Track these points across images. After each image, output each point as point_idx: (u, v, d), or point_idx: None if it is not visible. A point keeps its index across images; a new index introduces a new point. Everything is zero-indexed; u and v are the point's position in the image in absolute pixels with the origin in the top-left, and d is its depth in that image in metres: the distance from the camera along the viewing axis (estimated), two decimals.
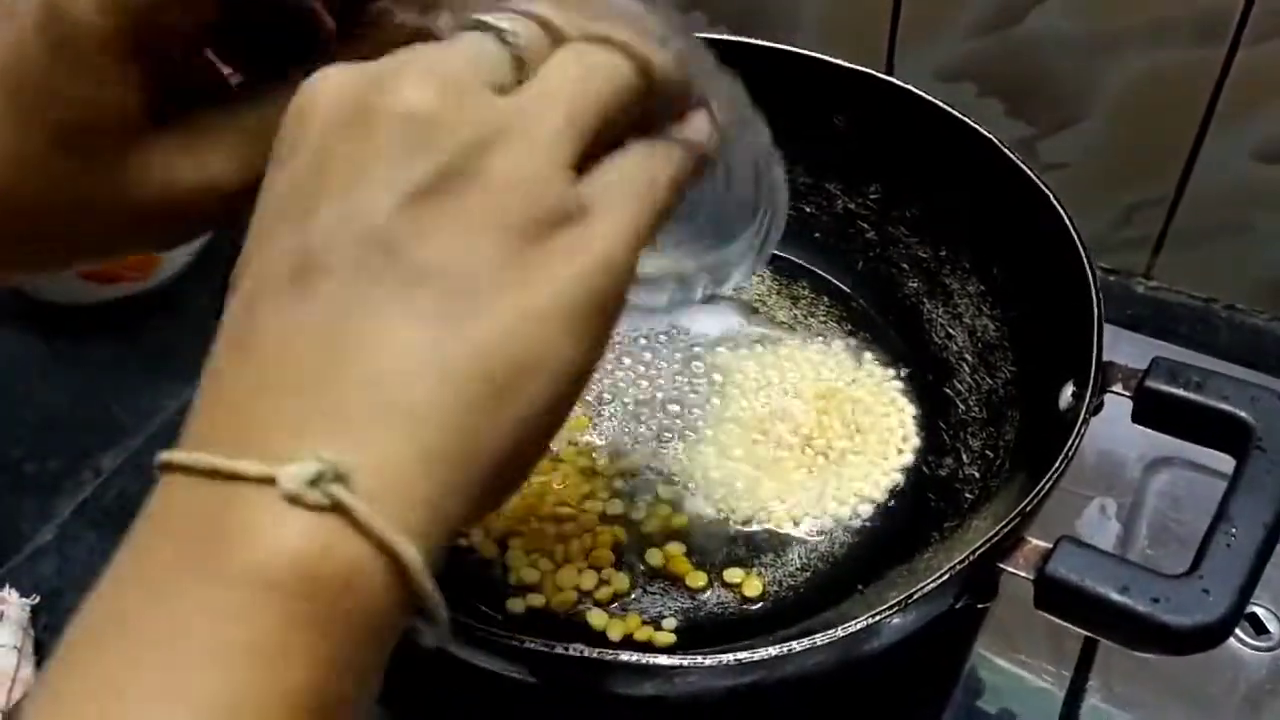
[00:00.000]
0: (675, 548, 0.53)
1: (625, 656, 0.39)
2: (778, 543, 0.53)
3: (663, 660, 0.38)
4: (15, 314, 0.78)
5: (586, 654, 0.39)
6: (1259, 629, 0.53)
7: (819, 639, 0.38)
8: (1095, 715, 0.51)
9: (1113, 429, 0.57)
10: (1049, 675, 0.52)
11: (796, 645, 0.38)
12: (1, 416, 0.73)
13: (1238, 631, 0.53)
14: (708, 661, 0.38)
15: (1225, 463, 0.43)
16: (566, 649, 0.38)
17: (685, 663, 0.38)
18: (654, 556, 0.53)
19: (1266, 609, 0.54)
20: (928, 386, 0.59)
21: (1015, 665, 0.53)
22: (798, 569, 0.53)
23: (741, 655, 0.38)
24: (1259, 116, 0.67)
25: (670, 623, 0.50)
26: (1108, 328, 0.48)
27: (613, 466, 0.56)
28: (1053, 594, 0.39)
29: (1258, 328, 0.73)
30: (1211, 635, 0.37)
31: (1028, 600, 0.52)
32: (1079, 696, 0.51)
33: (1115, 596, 0.38)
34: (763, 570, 0.52)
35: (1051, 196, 0.52)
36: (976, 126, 0.56)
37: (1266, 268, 0.72)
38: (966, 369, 0.58)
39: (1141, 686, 0.52)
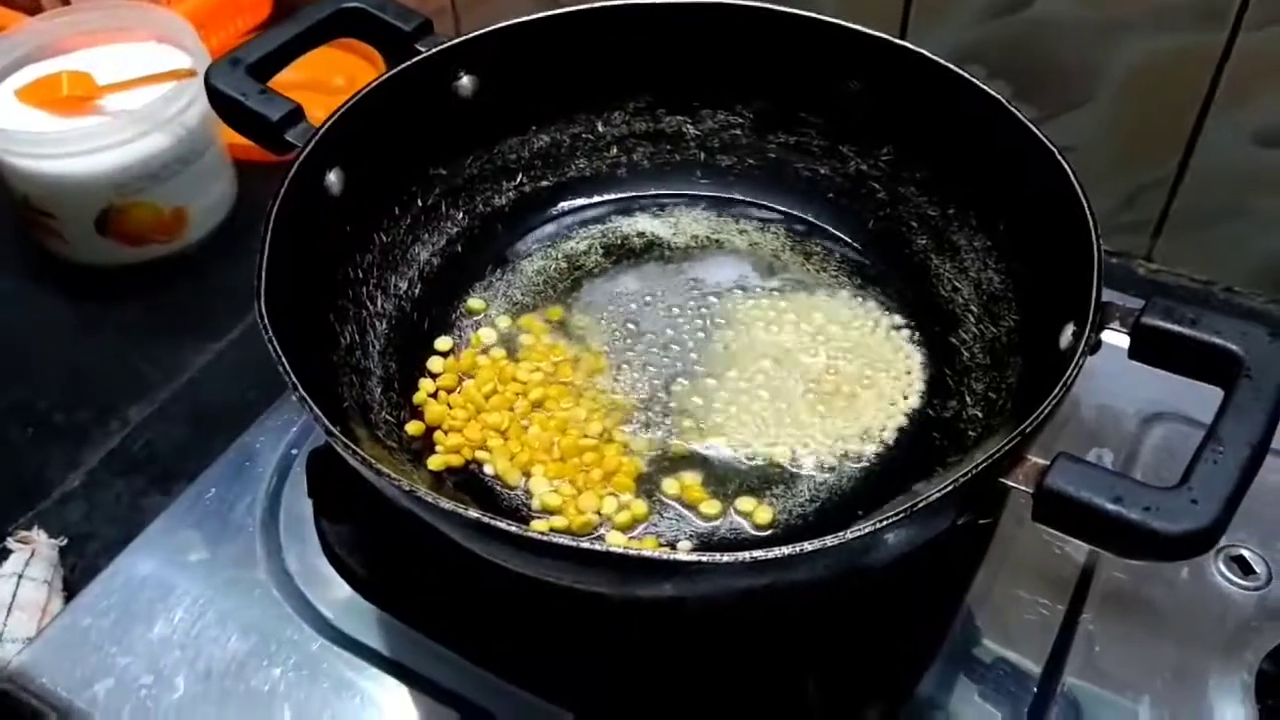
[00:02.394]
0: (691, 477, 0.56)
1: (648, 552, 0.41)
2: (788, 476, 0.56)
3: (683, 556, 0.41)
4: (45, 274, 0.81)
5: (611, 549, 0.41)
6: (1246, 570, 0.56)
7: (829, 540, 0.41)
8: (1088, 647, 0.53)
9: (1110, 385, 0.60)
10: (1045, 610, 0.55)
11: (808, 545, 0.41)
12: (31, 371, 0.75)
13: (1225, 572, 0.56)
14: (725, 559, 0.40)
15: None
16: (592, 543, 0.41)
17: (704, 559, 0.41)
18: (670, 485, 0.55)
19: (1254, 551, 0.56)
20: (934, 335, 0.62)
21: (1012, 602, 0.55)
22: (807, 500, 0.55)
23: (757, 554, 0.40)
24: (1259, 101, 0.68)
25: (685, 545, 0.53)
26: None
27: (633, 403, 0.59)
28: (1051, 506, 0.41)
29: (1255, 310, 0.75)
30: (1198, 541, 0.40)
31: (1024, 534, 0.55)
32: (1072, 630, 0.54)
33: (1109, 506, 0.40)
34: (773, 501, 0.55)
35: (1056, 152, 0.54)
36: (984, 86, 0.58)
37: (1265, 251, 0.74)
38: (972, 319, 0.61)
39: (1133, 623, 0.54)
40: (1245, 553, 0.56)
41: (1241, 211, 0.73)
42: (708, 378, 0.60)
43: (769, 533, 0.54)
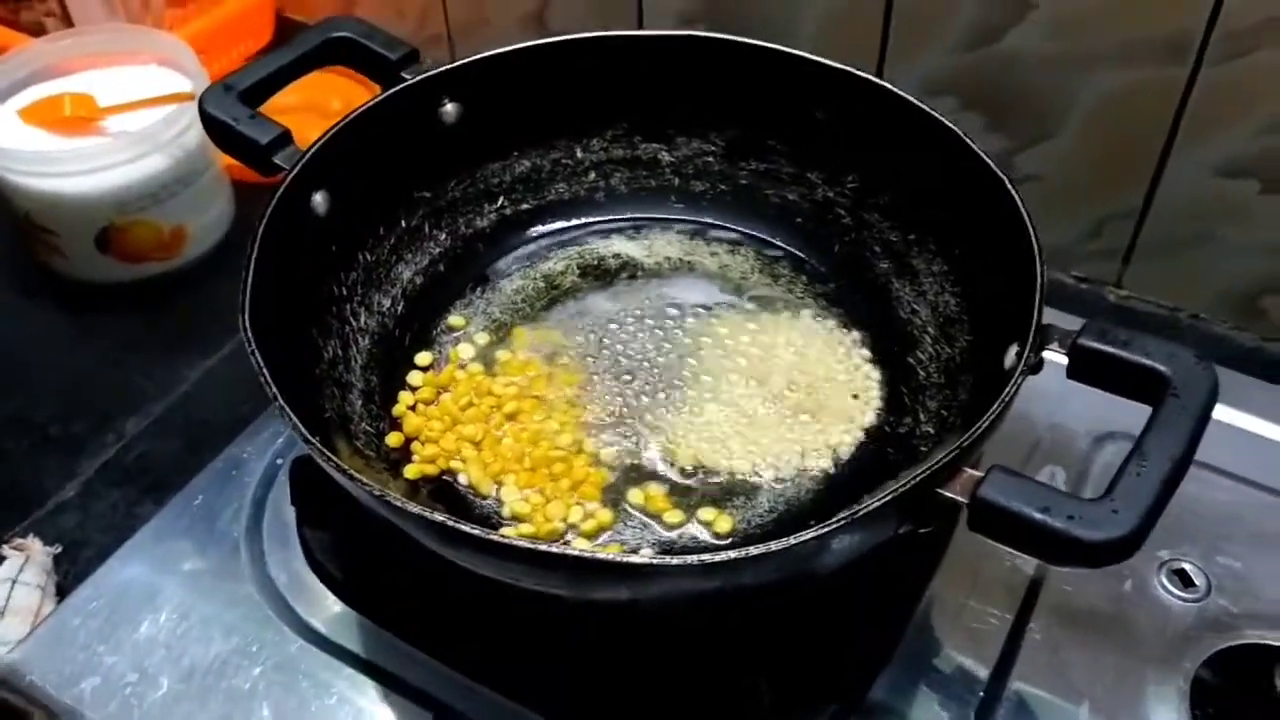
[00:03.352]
0: (656, 488, 0.58)
1: (603, 555, 0.43)
2: (748, 488, 0.58)
3: (635, 559, 0.43)
4: (45, 290, 0.82)
5: (568, 552, 0.43)
6: (1186, 582, 0.58)
7: (773, 545, 0.43)
8: (1034, 654, 0.55)
9: (1064, 406, 0.63)
10: (994, 619, 0.57)
11: (753, 550, 0.43)
12: (29, 383, 0.77)
13: (1167, 584, 0.58)
14: (675, 561, 0.43)
15: None
16: (550, 546, 0.43)
17: (655, 561, 0.43)
18: (635, 495, 0.58)
19: (1194, 565, 0.58)
20: (892, 355, 0.64)
21: (964, 610, 0.57)
22: (765, 511, 0.58)
23: (705, 556, 0.43)
24: (1221, 134, 0.70)
25: (647, 552, 0.55)
26: None
27: (604, 416, 0.61)
28: (983, 515, 0.44)
29: (1220, 336, 0.77)
30: (1117, 548, 0.42)
31: (976, 547, 0.57)
32: (1019, 638, 0.56)
33: (1036, 515, 0.42)
34: (734, 511, 0.57)
35: (1006, 181, 0.57)
36: (943, 119, 0.61)
37: (1228, 278, 0.76)
38: (928, 340, 0.63)
39: (1077, 632, 0.56)
40: (1187, 566, 0.58)
41: (1207, 240, 0.75)
42: (675, 393, 0.63)
43: (728, 541, 0.56)
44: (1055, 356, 0.51)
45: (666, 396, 0.63)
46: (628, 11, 0.86)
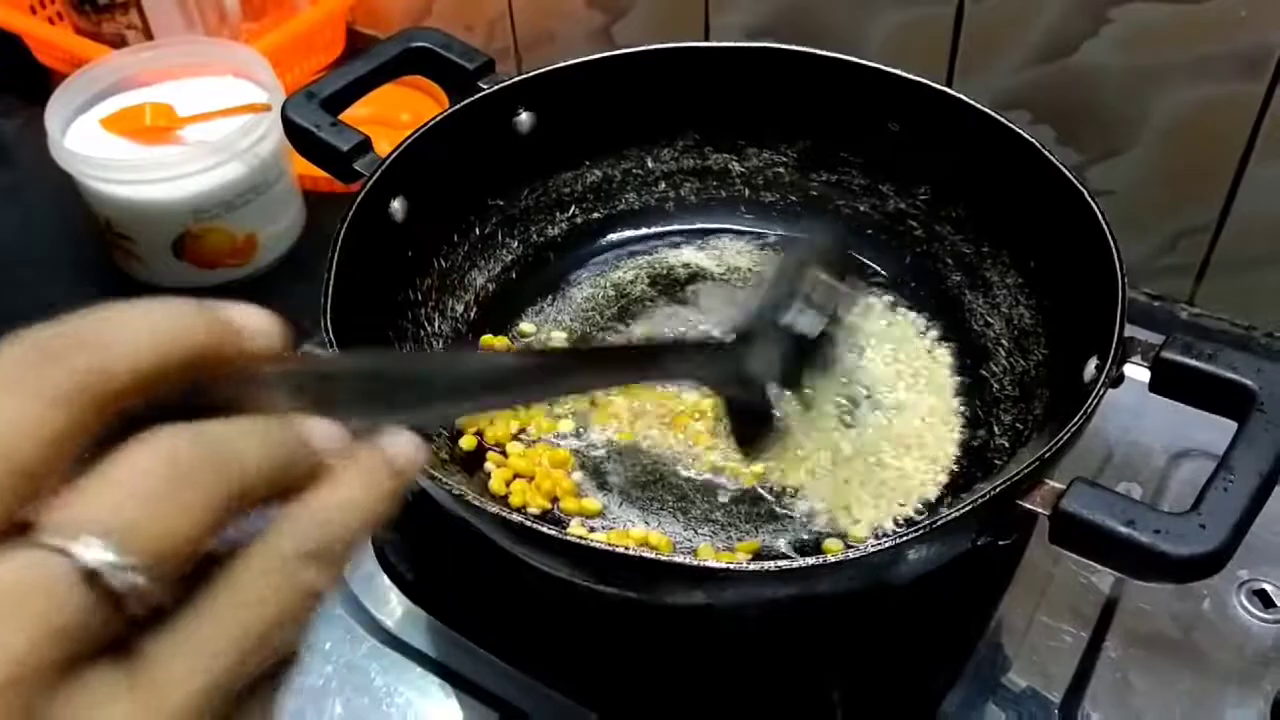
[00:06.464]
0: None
1: (680, 560, 0.44)
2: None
3: (712, 564, 0.43)
4: (122, 295, 0.82)
5: (647, 555, 0.44)
6: (1267, 603, 0.57)
7: (850, 554, 0.43)
8: (1109, 674, 0.55)
9: (1141, 422, 0.62)
10: (1068, 637, 0.56)
11: (830, 558, 0.43)
12: None
13: (1247, 604, 0.57)
14: (751, 567, 0.43)
15: None
16: (626, 549, 0.43)
17: (732, 566, 0.43)
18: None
19: (1274, 585, 0.57)
20: (965, 368, 0.64)
21: (1037, 628, 0.56)
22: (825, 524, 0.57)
23: (782, 563, 0.43)
24: None
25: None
26: None
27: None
28: (1065, 527, 0.43)
29: None
30: (1205, 564, 0.41)
31: (1050, 563, 0.56)
32: (1094, 658, 0.55)
33: (1121, 529, 0.42)
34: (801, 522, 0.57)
35: (1086, 194, 0.56)
36: (1020, 131, 0.60)
37: None
38: (1002, 353, 0.63)
39: (1154, 653, 0.56)
40: (1268, 586, 0.57)
41: None
42: None
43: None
44: (1135, 370, 0.50)
45: None
46: (694, 26, 0.86)
